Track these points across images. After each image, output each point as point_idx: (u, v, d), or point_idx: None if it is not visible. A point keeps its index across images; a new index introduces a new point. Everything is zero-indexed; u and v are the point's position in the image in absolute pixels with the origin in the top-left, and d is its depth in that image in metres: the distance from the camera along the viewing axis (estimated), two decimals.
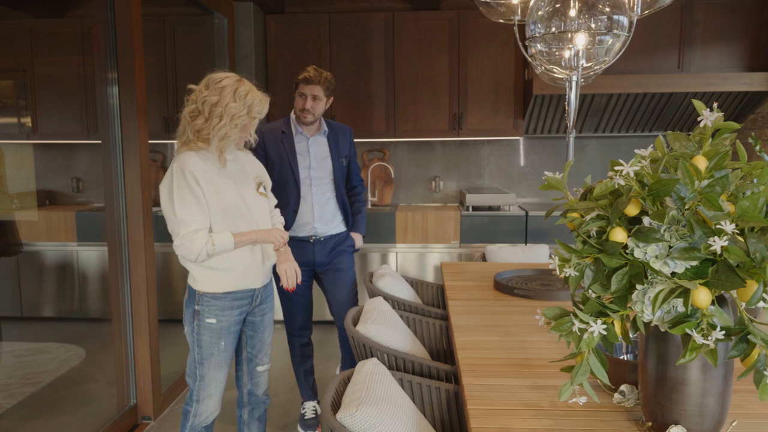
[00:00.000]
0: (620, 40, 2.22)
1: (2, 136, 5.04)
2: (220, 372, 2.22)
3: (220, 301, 2.17)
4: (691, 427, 1.25)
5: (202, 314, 2.16)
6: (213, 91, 2.07)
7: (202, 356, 2.18)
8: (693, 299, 1.08)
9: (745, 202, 1.07)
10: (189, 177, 2.04)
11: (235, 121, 2.08)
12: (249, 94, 2.10)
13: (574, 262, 1.19)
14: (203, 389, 2.21)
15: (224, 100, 2.06)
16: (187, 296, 2.21)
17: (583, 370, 1.22)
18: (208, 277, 2.15)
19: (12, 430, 2.94)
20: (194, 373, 2.21)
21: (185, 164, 2.05)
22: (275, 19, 4.75)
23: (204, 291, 2.16)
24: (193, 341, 2.19)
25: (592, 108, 4.57)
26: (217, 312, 2.17)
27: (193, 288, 2.18)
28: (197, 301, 2.16)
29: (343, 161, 3.01)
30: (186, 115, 2.11)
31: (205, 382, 2.20)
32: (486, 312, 2.34)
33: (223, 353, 2.20)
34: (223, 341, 2.20)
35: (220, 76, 2.10)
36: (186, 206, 2.03)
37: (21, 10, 4.74)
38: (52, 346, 4.16)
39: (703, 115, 1.17)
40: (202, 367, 2.19)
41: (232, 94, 2.07)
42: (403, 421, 1.47)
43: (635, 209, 1.15)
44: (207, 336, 2.17)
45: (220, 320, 2.18)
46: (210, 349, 2.18)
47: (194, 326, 2.18)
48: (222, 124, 2.06)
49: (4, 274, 4.68)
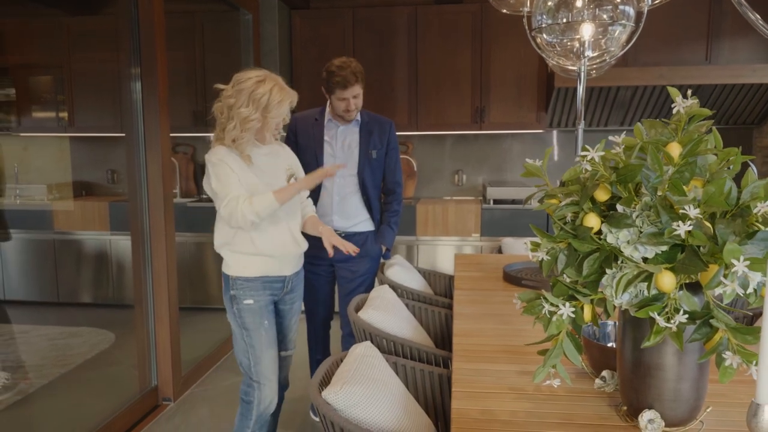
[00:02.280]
0: (627, 31, 2.21)
1: (41, 130, 5.28)
2: (271, 350, 2.30)
3: (252, 283, 2.25)
4: (665, 412, 1.26)
5: (238, 297, 2.25)
6: (233, 93, 2.13)
7: (251, 338, 2.25)
8: (657, 283, 1.10)
9: (710, 188, 1.08)
10: (224, 162, 2.14)
11: (246, 125, 2.13)
12: (266, 95, 2.12)
13: (545, 246, 1.21)
14: (261, 372, 2.27)
15: (237, 104, 2.11)
16: (224, 285, 2.30)
17: (556, 353, 1.25)
18: (240, 261, 2.25)
19: (39, 408, 3.10)
20: (247, 358, 2.27)
21: (217, 155, 2.15)
22: (300, 14, 4.83)
23: (237, 275, 2.25)
24: (239, 325, 2.26)
25: (618, 101, 4.51)
26: (251, 293, 2.25)
27: (227, 274, 2.27)
28: (232, 285, 2.25)
29: (373, 153, 2.88)
30: (216, 112, 2.20)
31: (261, 365, 2.27)
32: (490, 302, 2.36)
33: (269, 331, 2.28)
34: (266, 320, 2.28)
35: (243, 76, 2.15)
36: (222, 181, 2.13)
37: (58, 8, 4.94)
38: (84, 330, 4.35)
39: (676, 102, 1.18)
40: (254, 350, 2.26)
41: (246, 97, 2.11)
42: (389, 401, 1.52)
43: (604, 195, 1.17)
44: (249, 317, 2.25)
45: (256, 300, 2.26)
46: (257, 329, 2.26)
47: (234, 311, 2.26)
48: (232, 126, 2.13)
49: (42, 262, 4.90)
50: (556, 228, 1.28)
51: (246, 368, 2.29)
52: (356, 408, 1.42)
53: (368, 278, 2.98)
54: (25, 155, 5.21)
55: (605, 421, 1.34)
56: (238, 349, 2.30)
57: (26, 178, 4.95)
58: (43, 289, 4.94)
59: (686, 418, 1.27)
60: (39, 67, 5.21)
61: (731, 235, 1.08)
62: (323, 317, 3.05)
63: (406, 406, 1.59)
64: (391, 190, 2.99)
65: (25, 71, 5.13)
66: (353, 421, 1.40)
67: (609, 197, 1.20)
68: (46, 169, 5.19)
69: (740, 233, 1.08)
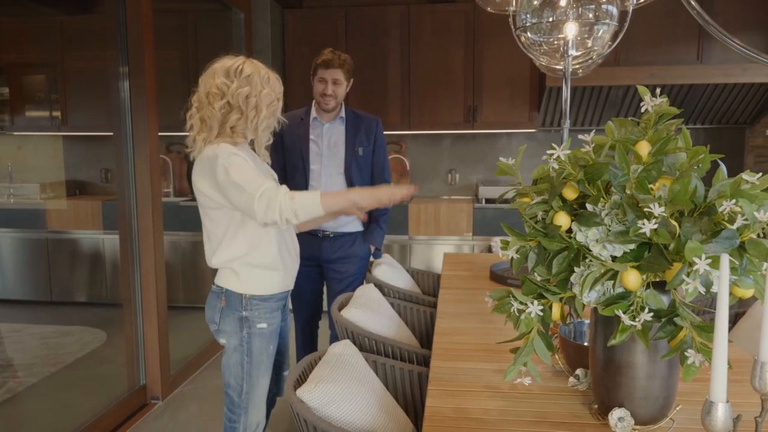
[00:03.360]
0: (610, 30, 2.21)
1: (35, 129, 5.28)
2: (267, 377, 2.07)
3: (268, 303, 2.00)
4: (635, 410, 1.26)
5: (252, 320, 1.97)
6: (241, 82, 1.89)
7: (252, 365, 2.00)
8: (623, 281, 1.10)
9: (676, 186, 1.08)
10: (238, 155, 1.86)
11: (271, 108, 1.95)
12: (270, 77, 1.96)
13: (514, 244, 1.22)
14: (252, 399, 2.03)
15: (256, 89, 1.90)
16: (225, 303, 1.98)
17: (526, 351, 1.25)
18: (257, 278, 1.98)
19: (28, 407, 3.10)
20: (240, 385, 2.01)
21: (228, 149, 1.86)
22: (293, 13, 4.83)
23: (252, 294, 1.97)
24: (242, 351, 1.98)
25: (609, 100, 4.51)
26: (267, 315, 2.00)
27: (237, 292, 1.97)
28: (244, 306, 1.96)
29: (359, 151, 2.84)
30: (216, 111, 1.89)
31: (254, 392, 2.03)
32: (474, 300, 2.36)
33: (271, 357, 2.06)
34: (272, 345, 2.05)
35: (234, 63, 1.93)
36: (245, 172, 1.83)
37: (52, 6, 4.94)
38: (76, 329, 4.36)
39: (645, 101, 1.18)
40: (251, 377, 2.01)
41: (260, 81, 1.91)
42: (365, 399, 1.52)
43: (572, 193, 1.17)
44: (258, 342, 1.99)
45: (270, 324, 2.01)
46: (260, 356, 2.01)
47: (244, 335, 1.97)
48: (262, 116, 1.92)
49: (36, 261, 4.91)
50: (527, 226, 1.28)
51: (235, 393, 2.02)
52: (330, 406, 1.42)
53: (357, 279, 2.95)
54: (19, 154, 5.22)
55: (577, 419, 1.34)
56: (230, 373, 2.02)
57: (20, 177, 4.96)
58: (36, 288, 4.94)
59: (656, 416, 1.27)
60: (32, 65, 5.22)
61: (697, 234, 1.08)
62: (311, 318, 3.03)
63: (383, 404, 1.60)
64: None
65: (19, 70, 5.13)
66: (326, 419, 1.41)
67: (578, 196, 1.20)
68: (39, 168, 5.20)
69: (706, 231, 1.09)
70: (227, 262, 1.97)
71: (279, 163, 2.91)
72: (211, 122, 1.91)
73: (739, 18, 4.30)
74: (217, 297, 2.01)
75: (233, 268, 1.96)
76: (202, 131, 1.93)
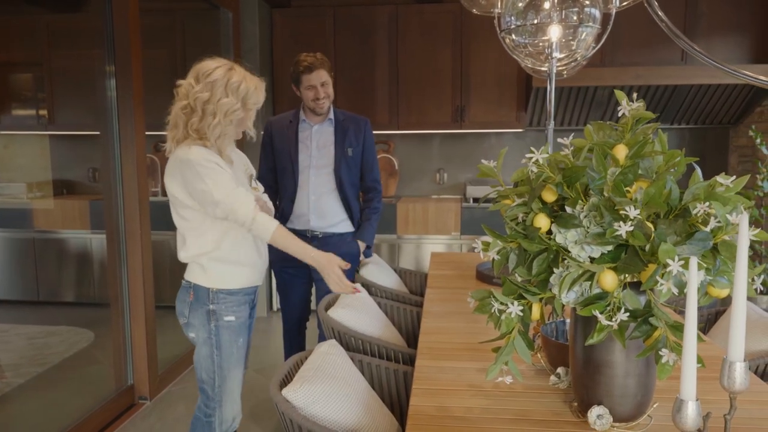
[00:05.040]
0: (593, 33, 2.24)
1: (21, 127, 5.24)
2: (239, 370, 2.11)
3: (235, 296, 2.05)
4: (614, 408, 1.29)
5: (219, 313, 2.03)
6: (204, 87, 1.92)
7: (222, 358, 2.05)
8: (600, 282, 1.12)
9: (651, 189, 1.11)
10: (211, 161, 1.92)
11: (230, 117, 1.95)
12: (242, 83, 1.96)
13: (494, 246, 1.24)
14: (225, 392, 2.08)
15: (216, 96, 1.91)
16: (193, 297, 2.04)
17: (507, 350, 1.27)
18: (225, 273, 2.03)
19: (15, 407, 3.09)
20: (212, 378, 2.06)
21: (200, 153, 1.91)
22: (281, 13, 4.83)
23: (219, 287, 2.02)
24: (211, 344, 2.04)
25: (596, 101, 4.55)
26: (234, 308, 2.05)
27: (204, 286, 2.02)
28: (212, 299, 2.02)
29: (349, 151, 2.84)
30: (179, 111, 1.95)
31: (227, 385, 2.08)
32: (460, 300, 2.38)
33: (241, 350, 2.10)
34: (242, 337, 2.09)
35: (209, 66, 1.95)
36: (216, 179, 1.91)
37: (38, 5, 4.91)
38: (63, 329, 4.34)
39: (622, 105, 1.21)
40: (222, 370, 2.06)
41: (223, 88, 1.92)
42: (350, 398, 1.54)
43: (551, 196, 1.20)
44: (227, 335, 2.05)
45: (238, 317, 2.07)
46: (230, 349, 2.06)
47: (211, 328, 2.03)
48: (216, 122, 1.92)
49: (22, 261, 4.88)
50: (508, 228, 1.30)
51: (208, 386, 2.07)
52: (315, 406, 1.44)
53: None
54: (5, 153, 5.17)
55: (558, 417, 1.37)
56: (201, 367, 2.07)
57: (6, 177, 4.92)
58: (23, 287, 4.91)
59: (634, 413, 1.30)
60: (18, 64, 5.18)
61: (672, 236, 1.11)
62: (299, 318, 3.03)
63: (368, 403, 1.62)
64: (371, 187, 2.97)
65: (4, 69, 5.09)
66: (312, 418, 1.42)
67: (557, 198, 1.22)
68: (26, 167, 5.16)
69: (681, 233, 1.11)
70: (195, 257, 2.03)
71: (268, 165, 2.92)
72: (177, 121, 1.97)
73: (725, 19, 4.36)
74: (186, 291, 2.07)
75: (201, 263, 2.03)
76: (171, 129, 2.00)
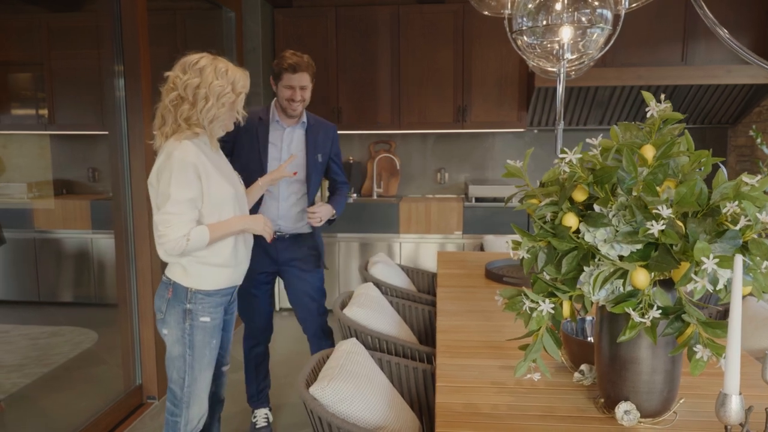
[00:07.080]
0: (604, 34, 2.27)
1: (21, 127, 5.22)
2: (209, 371, 2.13)
3: (212, 298, 2.07)
4: (640, 404, 1.31)
5: (195, 313, 2.04)
6: (193, 74, 1.96)
7: (194, 358, 2.07)
8: (632, 280, 1.15)
9: (683, 189, 1.13)
10: (191, 166, 1.93)
11: (222, 100, 1.99)
12: (229, 70, 2.01)
13: (525, 245, 1.26)
14: (194, 393, 2.09)
15: (206, 80, 1.96)
16: (171, 295, 2.04)
17: (536, 348, 1.29)
18: (205, 274, 2.05)
19: (23, 408, 3.09)
20: (182, 377, 2.07)
21: (185, 151, 1.93)
22: (283, 12, 4.84)
23: (198, 288, 2.04)
24: (184, 343, 2.05)
25: (597, 101, 4.59)
26: (210, 309, 2.07)
27: (183, 285, 2.04)
28: (189, 299, 2.04)
29: (319, 157, 2.75)
30: (167, 104, 1.98)
31: (195, 385, 2.09)
32: (472, 298, 2.40)
33: (213, 351, 2.12)
34: (215, 339, 2.11)
35: (194, 57, 2.00)
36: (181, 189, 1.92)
37: (38, 4, 4.89)
38: (66, 329, 4.32)
39: (650, 105, 1.23)
40: (193, 370, 2.07)
41: (213, 72, 1.97)
42: (375, 396, 1.56)
43: (582, 195, 1.22)
44: (200, 336, 2.06)
45: (213, 318, 2.09)
46: (202, 350, 2.08)
47: (186, 327, 2.04)
48: (209, 106, 1.97)
49: (23, 261, 4.86)
50: (537, 227, 1.32)
51: (177, 386, 2.08)
52: (342, 403, 1.46)
53: (317, 275, 2.84)
54: (5, 153, 5.15)
55: (583, 413, 1.39)
56: (172, 366, 2.08)
57: (6, 177, 4.90)
58: (24, 288, 4.89)
59: (660, 409, 1.32)
60: (18, 64, 5.16)
61: (702, 234, 1.13)
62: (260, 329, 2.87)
63: (390, 401, 1.63)
64: (341, 182, 2.92)
65: (4, 68, 5.07)
66: (339, 416, 1.44)
67: (586, 198, 1.24)
68: (26, 167, 5.14)
69: (710, 232, 1.14)
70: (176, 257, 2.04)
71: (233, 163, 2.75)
72: (165, 115, 2.00)
73: (722, 17, 4.39)
74: (165, 287, 2.08)
75: (182, 263, 2.04)
76: (158, 127, 2.03)
